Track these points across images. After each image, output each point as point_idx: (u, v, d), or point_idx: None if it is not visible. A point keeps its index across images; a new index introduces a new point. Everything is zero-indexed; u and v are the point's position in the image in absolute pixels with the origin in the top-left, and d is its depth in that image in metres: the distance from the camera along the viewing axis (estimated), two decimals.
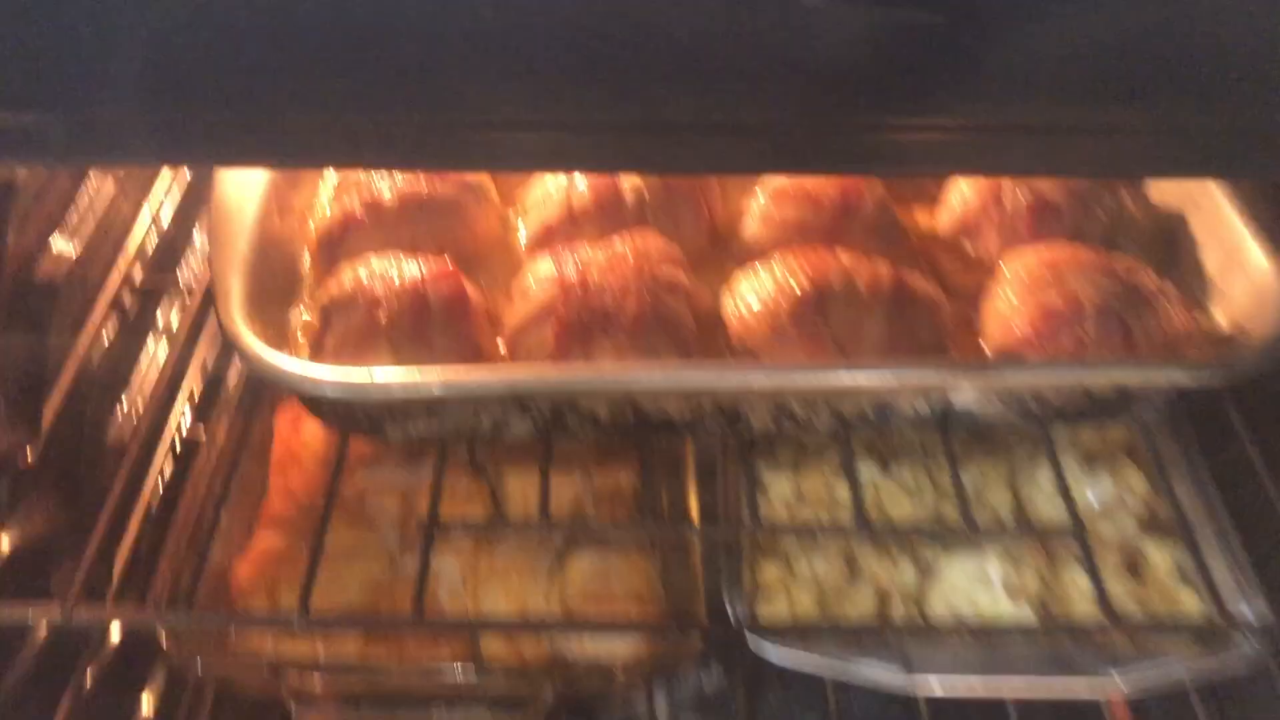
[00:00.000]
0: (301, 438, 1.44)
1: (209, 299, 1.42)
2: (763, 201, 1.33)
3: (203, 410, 1.49)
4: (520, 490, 1.39)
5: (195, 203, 1.52)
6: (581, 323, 1.15)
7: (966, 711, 1.32)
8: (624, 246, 1.22)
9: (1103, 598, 1.13)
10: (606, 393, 1.10)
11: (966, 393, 1.13)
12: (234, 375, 1.49)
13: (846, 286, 1.16)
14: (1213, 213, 1.27)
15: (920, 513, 1.39)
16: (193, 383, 1.48)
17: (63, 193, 1.27)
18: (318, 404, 1.16)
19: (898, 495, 1.38)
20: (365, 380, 1.04)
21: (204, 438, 1.44)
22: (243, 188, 1.24)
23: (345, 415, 1.14)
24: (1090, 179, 1.25)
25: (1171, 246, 1.31)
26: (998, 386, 1.12)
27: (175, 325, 1.50)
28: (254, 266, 1.17)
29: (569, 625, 1.23)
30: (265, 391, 1.49)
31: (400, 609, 1.29)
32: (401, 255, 1.21)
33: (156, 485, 1.39)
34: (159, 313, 1.50)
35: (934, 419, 1.16)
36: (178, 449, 1.44)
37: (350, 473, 1.40)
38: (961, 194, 1.35)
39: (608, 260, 1.20)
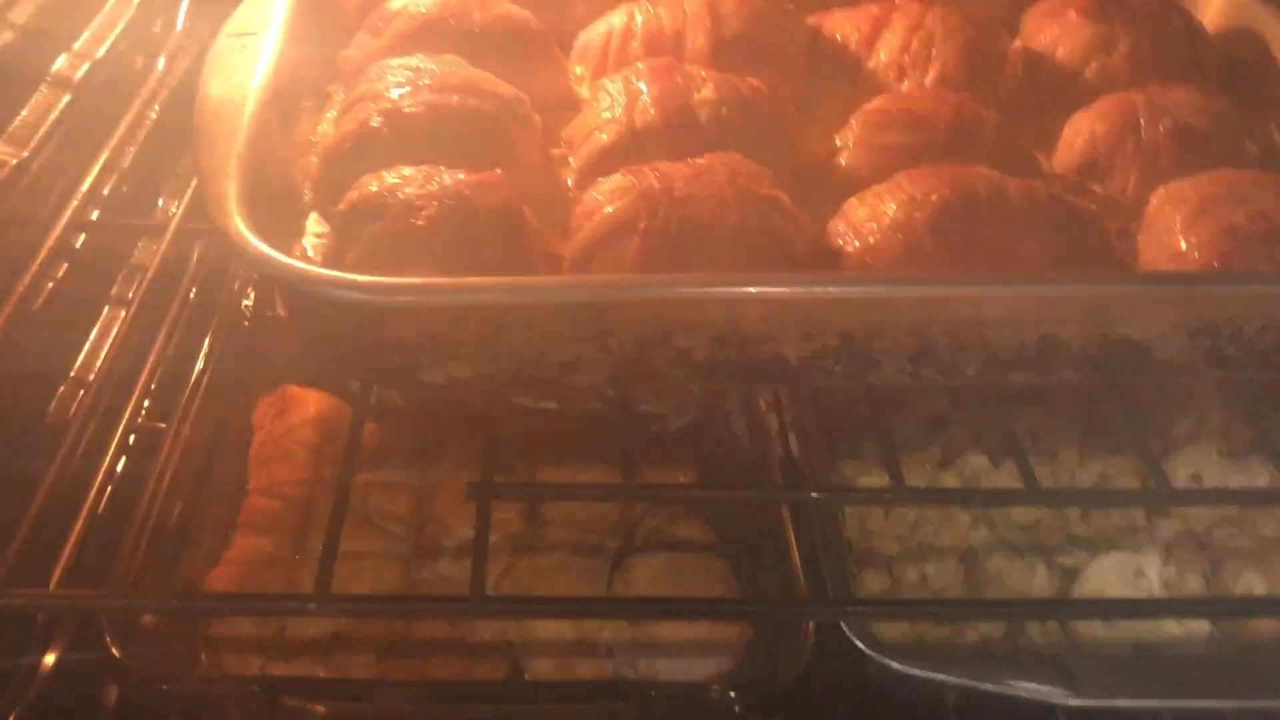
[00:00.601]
0: (288, 424, 1.18)
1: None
2: (857, 128, 1.12)
3: (164, 399, 1.21)
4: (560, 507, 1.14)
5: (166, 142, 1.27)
6: (671, 235, 0.91)
7: None
8: (711, 161, 0.99)
9: None
10: (715, 311, 0.86)
11: (1149, 321, 0.91)
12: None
13: (995, 194, 0.95)
14: None
15: (1038, 515, 1.16)
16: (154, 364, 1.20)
17: None
18: (337, 337, 0.90)
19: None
20: (407, 283, 0.79)
21: (167, 427, 1.16)
22: (231, 89, 1.00)
23: (373, 348, 0.88)
24: None
25: None
26: (1192, 306, 0.90)
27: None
28: (248, 175, 0.92)
29: (648, 609, 0.96)
30: (242, 379, 1.23)
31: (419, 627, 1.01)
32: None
33: (106, 480, 1.10)
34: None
35: (1101, 358, 0.93)
36: (131, 440, 1.15)
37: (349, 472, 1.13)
38: (1087, 128, 1.16)
39: (693, 172, 0.97)
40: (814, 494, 0.98)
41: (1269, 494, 1.05)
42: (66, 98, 1.20)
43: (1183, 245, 0.99)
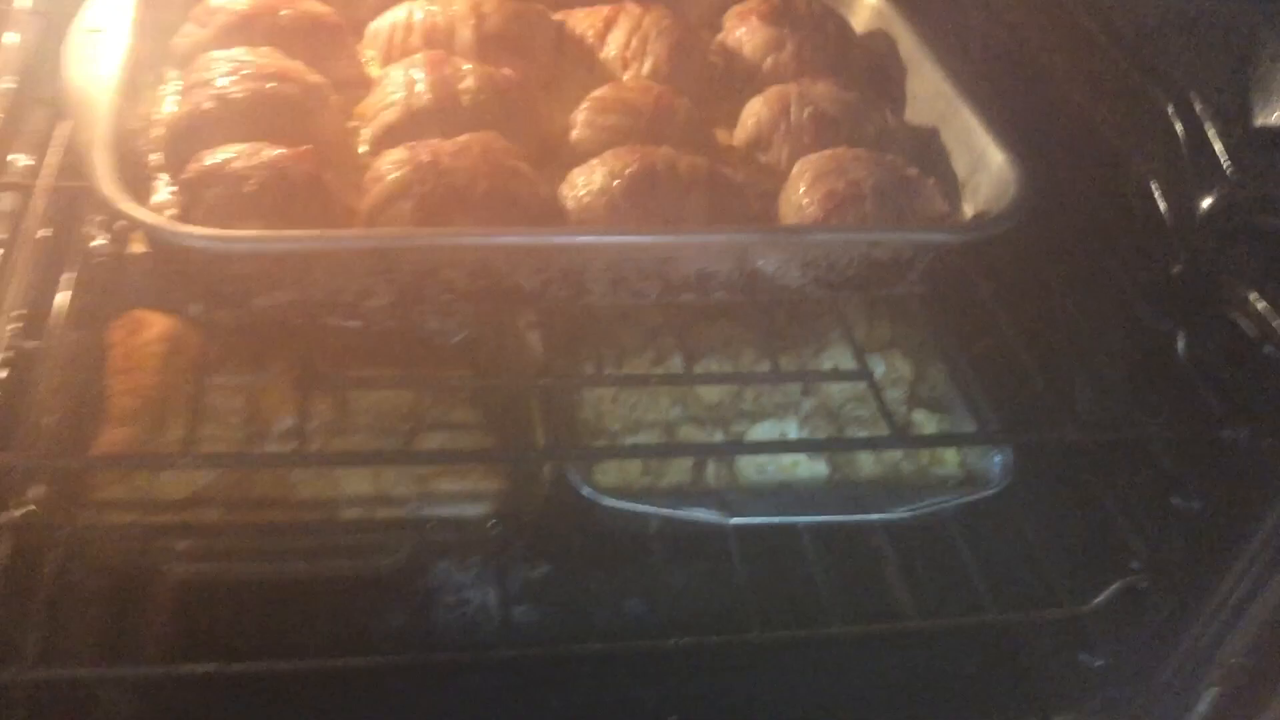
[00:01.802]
0: (141, 340, 1.47)
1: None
2: (585, 110, 1.48)
3: (30, 324, 1.48)
4: (363, 396, 1.48)
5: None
6: (436, 198, 1.26)
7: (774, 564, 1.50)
8: (470, 140, 1.34)
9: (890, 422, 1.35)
10: (469, 254, 1.22)
11: (772, 259, 1.32)
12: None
13: (669, 168, 1.34)
14: (960, 126, 1.53)
15: (726, 397, 1.59)
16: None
17: None
18: (189, 275, 1.22)
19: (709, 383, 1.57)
20: (253, 235, 1.12)
21: (34, 347, 1.44)
22: (88, 80, 1.29)
23: (217, 281, 1.21)
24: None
25: (928, 155, 1.56)
26: (798, 250, 1.31)
27: None
28: (113, 147, 1.22)
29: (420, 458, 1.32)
30: (100, 305, 1.50)
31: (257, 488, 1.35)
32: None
33: None
34: None
35: (743, 284, 1.34)
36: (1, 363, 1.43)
37: (194, 376, 1.45)
38: (755, 111, 1.56)
39: (455, 149, 1.32)
40: (540, 382, 1.36)
41: (765, 376, 1.48)
42: None
43: (804, 203, 1.40)
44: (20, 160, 1.54)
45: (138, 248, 1.46)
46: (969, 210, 1.47)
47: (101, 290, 1.50)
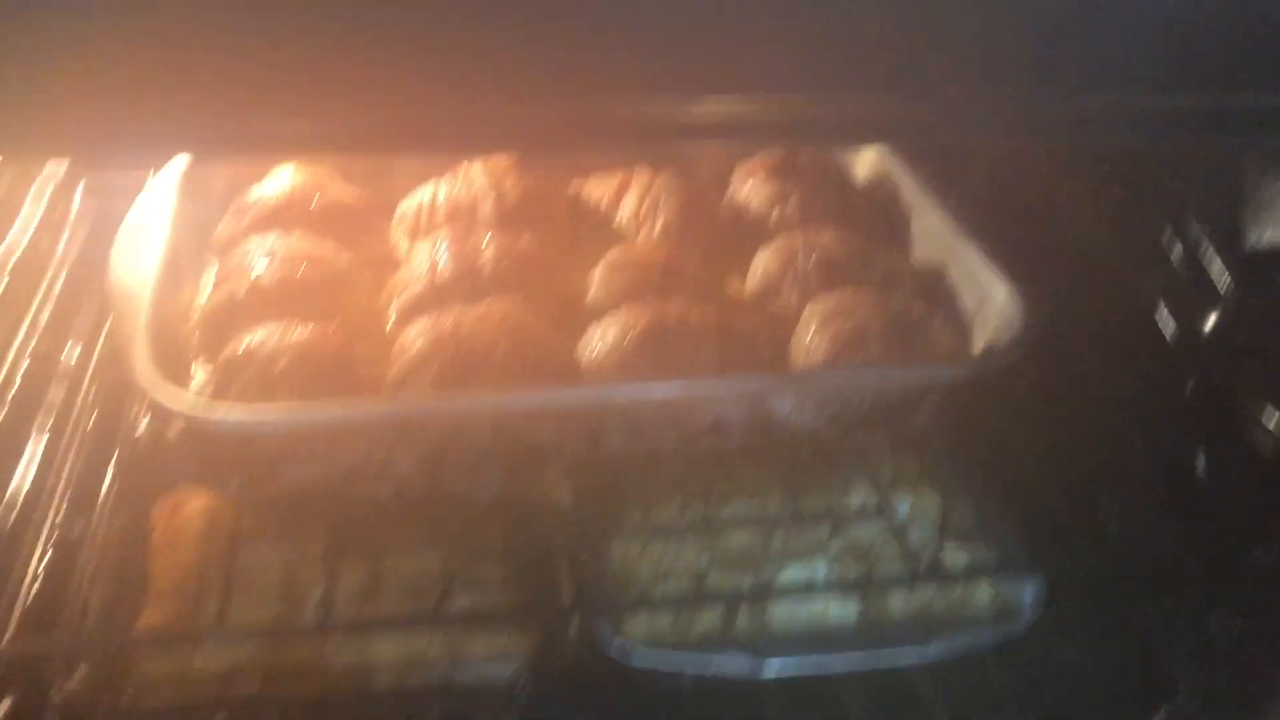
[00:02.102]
0: (180, 519, 1.52)
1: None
2: (601, 272, 1.55)
3: (76, 510, 1.55)
4: (394, 564, 1.52)
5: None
6: (457, 365, 1.32)
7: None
8: (489, 307, 1.41)
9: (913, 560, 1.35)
10: (486, 416, 1.27)
11: (785, 402, 1.36)
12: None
13: (680, 321, 1.39)
14: (965, 263, 1.57)
15: (753, 541, 1.60)
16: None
17: None
18: (219, 454, 1.28)
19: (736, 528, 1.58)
20: (284, 411, 1.18)
21: (79, 533, 1.50)
22: (132, 275, 1.38)
23: (247, 459, 1.26)
24: None
25: (936, 293, 1.60)
26: (809, 392, 1.35)
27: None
28: (153, 336, 1.30)
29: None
30: (143, 487, 1.57)
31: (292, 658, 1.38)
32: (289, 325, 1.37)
33: (33, 580, 1.44)
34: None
35: (759, 429, 1.37)
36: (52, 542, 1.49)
37: (231, 548, 1.49)
38: (764, 262, 1.62)
39: (475, 316, 1.39)
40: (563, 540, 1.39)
41: (784, 520, 1.47)
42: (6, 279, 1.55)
43: (813, 346, 1.44)
44: (74, 350, 1.63)
45: (178, 431, 1.53)
46: (980, 342, 1.50)
47: (145, 473, 1.57)
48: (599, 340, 1.41)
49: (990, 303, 1.50)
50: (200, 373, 1.37)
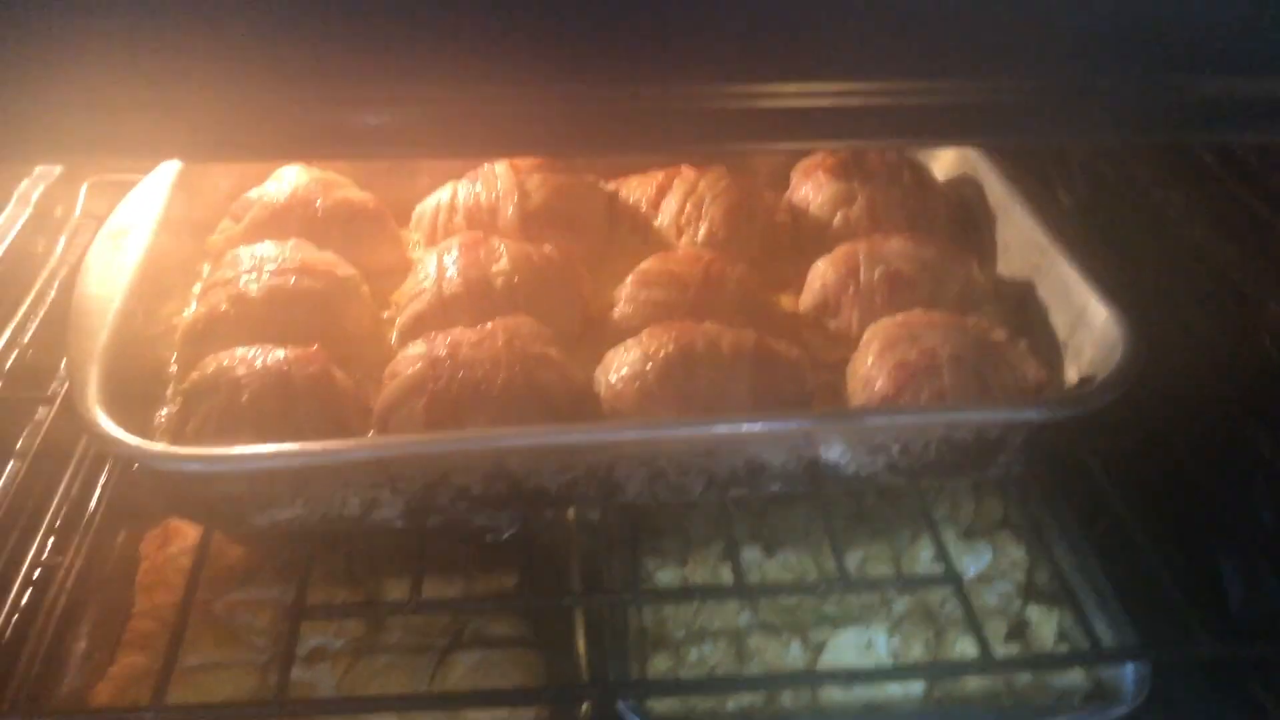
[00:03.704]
0: (169, 554, 1.39)
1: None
2: (630, 285, 1.36)
3: (63, 536, 1.42)
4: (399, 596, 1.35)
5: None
6: (451, 395, 1.15)
7: None
8: (495, 327, 1.23)
9: (985, 649, 1.13)
10: (478, 459, 1.09)
11: (833, 445, 1.15)
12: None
13: (710, 347, 1.19)
14: (1058, 279, 1.34)
15: (799, 598, 1.39)
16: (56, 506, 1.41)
17: None
18: (179, 493, 1.12)
19: (782, 577, 1.37)
20: (221, 454, 1.02)
21: (63, 561, 1.37)
22: (105, 286, 1.23)
23: (207, 502, 1.11)
24: None
25: (1023, 313, 1.37)
26: (861, 434, 1.13)
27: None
28: (114, 361, 1.15)
29: (439, 702, 1.17)
30: (130, 513, 1.43)
31: None
32: (268, 345, 1.20)
33: (12, 611, 1.31)
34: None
35: (803, 475, 1.17)
36: (34, 577, 1.36)
37: (223, 588, 1.35)
38: (821, 274, 1.40)
39: (478, 338, 1.21)
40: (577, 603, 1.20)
41: (835, 585, 1.22)
42: None
43: (871, 374, 1.23)
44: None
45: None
46: (1073, 374, 1.27)
47: (131, 500, 1.43)
48: (617, 366, 1.22)
49: (1086, 326, 1.27)
50: (179, 399, 1.22)
